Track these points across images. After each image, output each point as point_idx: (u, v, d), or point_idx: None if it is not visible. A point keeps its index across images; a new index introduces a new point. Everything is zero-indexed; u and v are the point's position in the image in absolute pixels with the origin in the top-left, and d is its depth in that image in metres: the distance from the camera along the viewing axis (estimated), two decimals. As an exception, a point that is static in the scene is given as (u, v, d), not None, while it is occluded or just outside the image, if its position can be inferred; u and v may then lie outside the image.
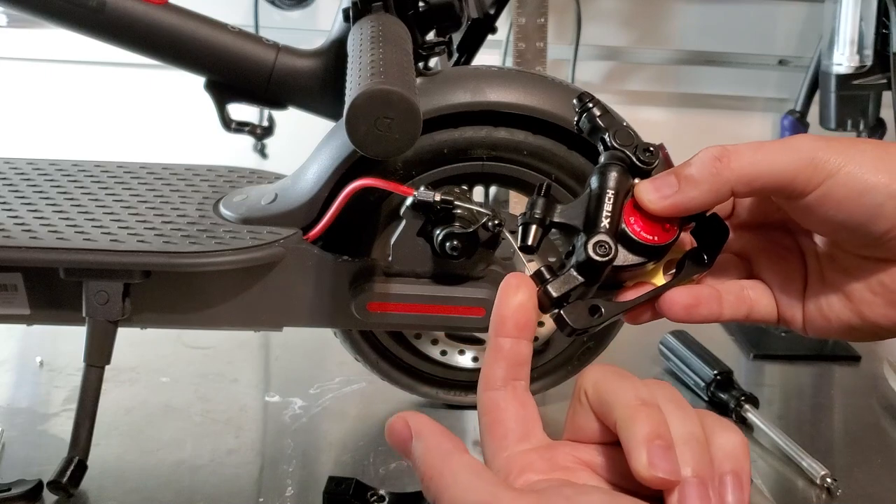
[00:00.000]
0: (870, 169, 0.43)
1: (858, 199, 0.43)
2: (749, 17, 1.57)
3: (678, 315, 0.50)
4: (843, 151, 0.44)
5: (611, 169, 0.48)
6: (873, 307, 0.47)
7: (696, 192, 0.46)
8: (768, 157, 0.44)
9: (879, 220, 0.44)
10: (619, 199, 0.47)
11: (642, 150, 0.49)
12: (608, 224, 0.47)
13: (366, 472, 0.82)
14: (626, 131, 0.49)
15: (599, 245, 0.47)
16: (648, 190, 0.47)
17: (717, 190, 0.45)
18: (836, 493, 0.81)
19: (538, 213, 0.49)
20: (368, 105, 0.64)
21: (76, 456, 0.76)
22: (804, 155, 0.44)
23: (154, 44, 0.83)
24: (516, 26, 1.39)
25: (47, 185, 0.88)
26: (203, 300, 0.81)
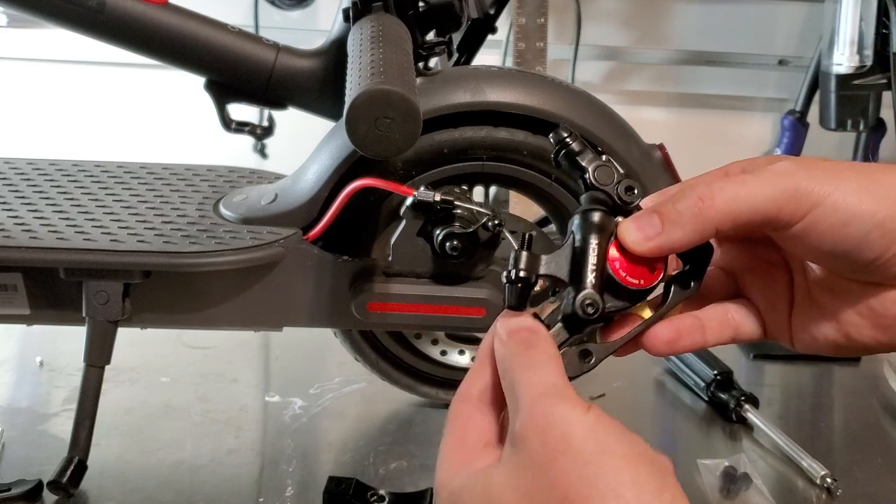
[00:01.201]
0: (854, 197, 0.43)
1: (843, 229, 0.43)
2: (749, 17, 1.57)
3: (661, 350, 0.50)
4: (827, 180, 0.43)
5: (592, 215, 0.47)
6: (860, 329, 0.47)
7: (681, 233, 0.45)
8: (752, 191, 0.44)
9: (865, 249, 0.43)
10: (602, 247, 0.46)
11: (623, 189, 0.47)
12: (594, 279, 0.46)
13: (366, 472, 0.82)
14: (606, 169, 0.47)
15: (588, 304, 0.46)
16: (631, 231, 0.46)
17: (701, 230, 0.45)
18: (836, 493, 0.81)
19: (523, 269, 0.47)
20: (368, 105, 0.64)
21: (76, 456, 0.76)
22: (787, 186, 0.43)
23: (154, 44, 0.83)
24: (516, 26, 1.39)
25: (47, 185, 0.88)
26: (203, 300, 0.81)
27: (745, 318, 0.51)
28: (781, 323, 0.50)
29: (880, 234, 0.42)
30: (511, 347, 0.45)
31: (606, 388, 0.97)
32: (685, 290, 0.48)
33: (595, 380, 0.96)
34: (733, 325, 0.51)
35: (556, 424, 0.41)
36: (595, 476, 0.39)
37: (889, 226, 0.42)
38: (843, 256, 0.44)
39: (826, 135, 1.45)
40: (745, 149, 1.69)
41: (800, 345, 0.50)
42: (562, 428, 0.41)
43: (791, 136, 1.50)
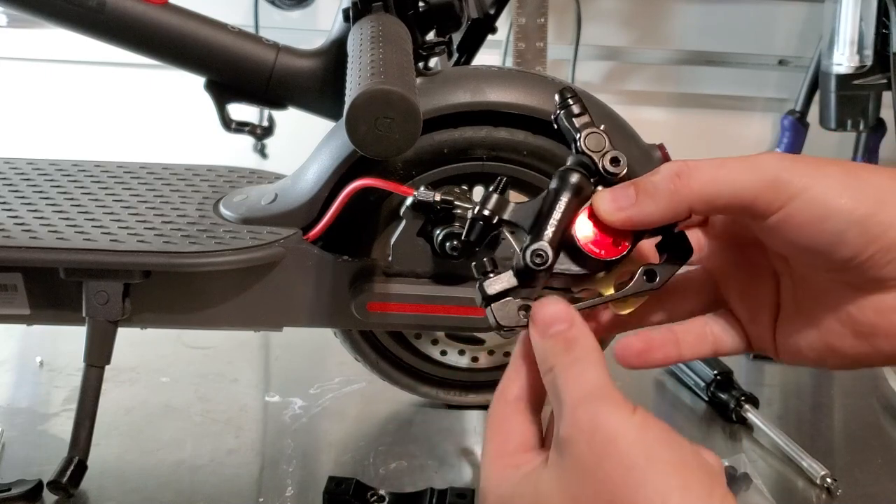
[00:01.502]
0: (834, 193, 0.42)
1: (820, 224, 0.42)
2: (749, 17, 1.57)
3: (632, 362, 0.50)
4: (808, 173, 0.42)
5: (571, 175, 0.47)
6: (842, 338, 0.46)
7: (653, 207, 0.45)
8: (730, 175, 0.43)
9: (842, 247, 0.42)
10: (571, 205, 0.46)
11: (610, 160, 0.48)
12: (552, 233, 0.46)
13: (366, 472, 0.82)
14: (597, 137, 0.48)
15: (536, 254, 0.46)
16: (606, 200, 0.46)
17: (675, 207, 0.44)
18: (836, 493, 0.81)
19: (488, 209, 0.48)
20: (368, 105, 0.64)
21: (76, 456, 0.76)
22: (767, 175, 0.42)
23: (154, 44, 0.83)
24: (516, 26, 1.39)
25: (47, 185, 0.88)
26: (203, 300, 0.81)
27: (725, 330, 0.51)
28: (766, 332, 0.50)
29: (858, 233, 0.41)
30: (551, 344, 0.45)
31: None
32: (650, 281, 0.48)
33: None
34: (711, 339, 0.51)
35: (601, 428, 0.40)
36: (642, 481, 0.39)
37: (867, 224, 0.41)
38: (819, 253, 0.43)
39: (826, 135, 1.45)
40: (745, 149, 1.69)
41: (785, 355, 0.49)
42: (607, 431, 0.40)
43: (791, 136, 1.50)
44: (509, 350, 0.90)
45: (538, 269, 0.46)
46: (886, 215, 0.41)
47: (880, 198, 0.41)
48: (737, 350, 0.51)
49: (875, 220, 0.41)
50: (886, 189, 0.42)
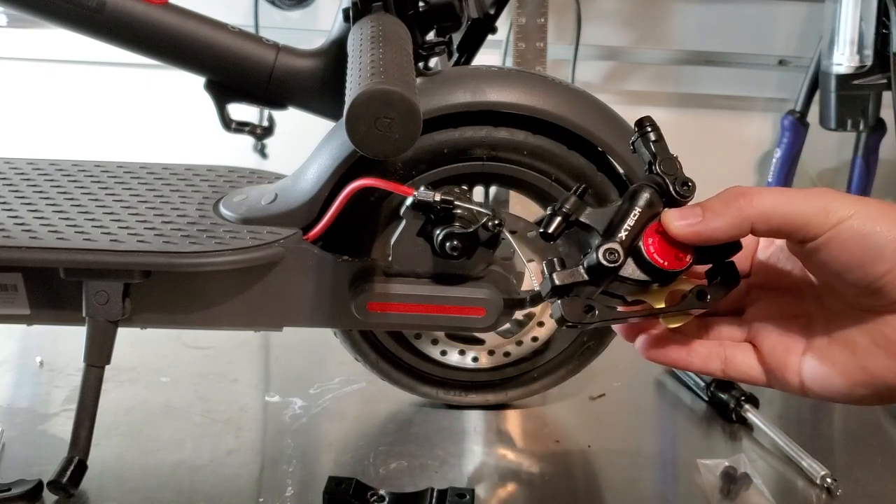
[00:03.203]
0: (874, 218, 0.49)
1: (862, 241, 0.48)
2: (749, 17, 1.57)
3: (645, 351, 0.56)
4: (853, 204, 0.49)
5: (645, 190, 0.52)
6: (877, 359, 0.50)
7: (719, 222, 0.50)
8: (788, 199, 0.50)
9: (879, 261, 0.48)
10: (643, 217, 0.51)
11: (681, 183, 0.52)
12: (625, 236, 0.51)
13: (366, 472, 0.82)
14: (671, 162, 0.53)
15: (610, 251, 0.51)
16: (675, 216, 0.52)
17: (739, 224, 0.50)
18: (836, 493, 0.81)
19: (567, 208, 0.53)
20: (368, 105, 0.64)
21: (76, 456, 0.76)
22: (819, 203, 0.49)
23: (154, 44, 0.83)
24: (516, 26, 1.39)
25: (47, 185, 0.88)
26: (203, 300, 0.81)
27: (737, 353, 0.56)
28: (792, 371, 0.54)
29: (893, 249, 0.48)
30: None
31: (606, 388, 0.97)
32: (700, 300, 0.53)
33: (595, 380, 0.96)
34: (721, 358, 0.56)
35: None
36: None
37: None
38: (857, 268, 0.49)
39: (826, 135, 1.45)
40: (745, 149, 1.69)
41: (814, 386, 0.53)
42: None
43: (791, 136, 1.50)
44: (509, 350, 0.90)
45: (610, 266, 0.51)
46: None
47: None
48: (745, 379, 0.56)
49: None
50: None
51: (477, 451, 0.87)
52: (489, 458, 0.86)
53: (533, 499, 0.81)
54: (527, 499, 0.81)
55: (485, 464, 0.85)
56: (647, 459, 0.89)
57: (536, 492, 0.82)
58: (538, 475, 0.84)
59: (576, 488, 0.83)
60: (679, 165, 0.53)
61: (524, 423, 0.92)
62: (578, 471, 0.86)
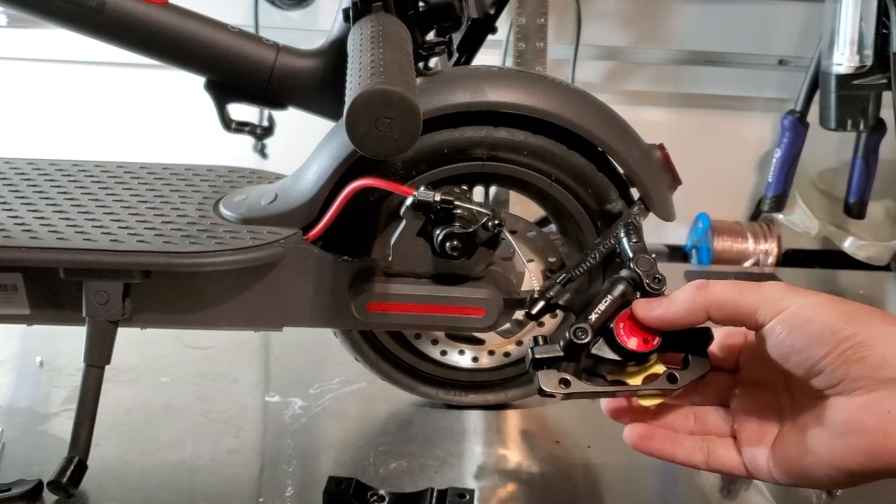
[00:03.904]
0: (817, 308, 0.53)
1: (804, 327, 0.53)
2: (749, 17, 1.57)
3: (632, 441, 0.61)
4: (799, 295, 0.54)
5: (620, 282, 0.59)
6: (821, 440, 0.54)
7: (676, 308, 0.57)
8: (741, 290, 0.56)
9: (818, 345, 0.52)
10: (614, 304, 0.58)
11: (652, 278, 0.59)
12: (594, 318, 0.58)
13: (366, 472, 0.82)
14: (647, 261, 0.60)
15: (580, 330, 0.58)
16: (642, 304, 0.58)
17: (694, 310, 0.56)
18: (835, 493, 0.81)
19: (550, 294, 0.63)
20: (368, 105, 0.64)
21: (76, 456, 0.76)
22: (768, 294, 0.55)
23: (154, 44, 0.83)
24: (516, 26, 1.40)
25: (47, 185, 0.88)
26: (203, 300, 0.81)
27: (718, 447, 0.61)
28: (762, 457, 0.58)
29: (830, 333, 0.52)
30: None
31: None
32: (671, 383, 0.58)
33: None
34: (705, 452, 0.61)
35: None
36: None
37: (838, 326, 0.52)
38: (801, 352, 0.53)
39: (826, 135, 1.45)
40: (745, 149, 1.69)
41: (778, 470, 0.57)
42: None
43: (791, 136, 1.50)
44: (509, 350, 0.90)
45: (579, 343, 0.57)
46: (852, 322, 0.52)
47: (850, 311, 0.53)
48: (727, 470, 0.60)
49: (844, 325, 0.52)
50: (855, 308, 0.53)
51: (477, 451, 0.87)
52: (489, 458, 0.86)
53: (533, 499, 0.81)
54: (527, 499, 0.81)
55: (485, 464, 0.85)
56: (647, 459, 0.88)
57: (536, 492, 0.82)
58: (538, 475, 0.84)
59: (576, 488, 0.83)
60: (654, 263, 0.60)
61: (524, 423, 0.92)
62: (578, 471, 0.86)
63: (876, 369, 0.51)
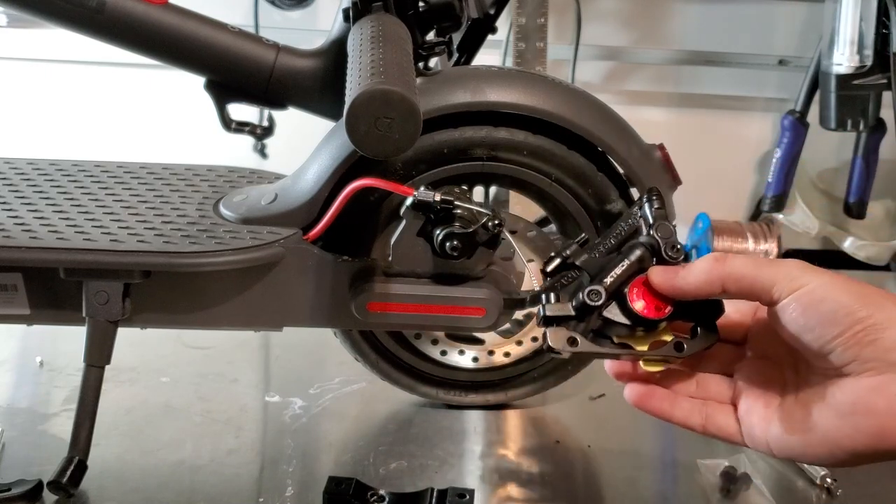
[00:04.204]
0: (833, 288, 0.54)
1: (818, 305, 0.53)
2: (749, 17, 1.57)
3: (632, 399, 0.62)
4: (816, 274, 0.55)
5: (638, 248, 0.59)
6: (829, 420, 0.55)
7: (692, 278, 0.57)
8: (758, 265, 0.56)
9: (831, 325, 0.53)
10: (630, 269, 0.58)
11: (671, 247, 0.59)
12: (610, 281, 0.58)
13: (366, 472, 0.82)
14: (667, 228, 0.59)
15: (594, 293, 0.58)
16: (658, 271, 0.58)
17: (710, 281, 0.56)
18: (836, 493, 0.81)
19: (566, 253, 0.61)
20: (368, 105, 0.64)
21: (76, 456, 0.76)
22: (785, 270, 0.55)
23: (154, 44, 0.83)
24: (516, 26, 1.39)
25: (47, 185, 0.88)
26: (203, 300, 0.81)
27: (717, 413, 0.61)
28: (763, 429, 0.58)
29: (845, 314, 0.53)
30: None
31: (606, 388, 0.97)
32: (677, 351, 0.58)
33: (595, 380, 0.96)
34: (702, 415, 0.61)
35: None
36: None
37: (852, 307, 0.53)
38: (813, 330, 0.54)
39: (826, 135, 1.45)
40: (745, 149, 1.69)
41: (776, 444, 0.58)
42: None
43: (791, 136, 1.50)
44: (509, 351, 0.90)
45: (592, 305, 0.57)
46: (867, 304, 0.53)
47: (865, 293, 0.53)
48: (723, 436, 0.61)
49: (859, 306, 0.53)
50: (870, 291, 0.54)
51: (477, 451, 0.87)
52: (489, 458, 0.86)
53: (533, 499, 0.81)
54: (527, 499, 0.81)
55: (485, 464, 0.85)
56: (647, 459, 0.89)
57: (536, 492, 0.82)
58: (538, 475, 0.84)
59: (576, 488, 0.83)
60: (673, 232, 0.59)
61: (524, 423, 0.92)
62: (578, 471, 0.86)
63: (888, 352, 0.52)
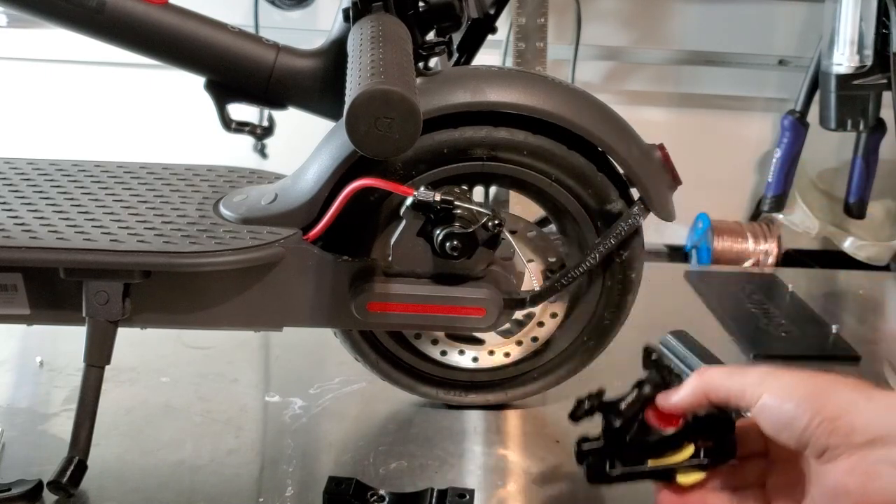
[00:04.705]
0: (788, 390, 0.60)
1: (781, 407, 0.60)
2: (749, 17, 1.57)
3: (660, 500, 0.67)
4: (776, 377, 0.61)
5: (647, 383, 0.68)
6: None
7: (684, 393, 0.65)
8: (729, 375, 0.63)
9: (796, 420, 0.59)
10: (640, 397, 0.67)
11: (675, 378, 0.68)
12: (623, 407, 0.67)
13: (366, 472, 0.82)
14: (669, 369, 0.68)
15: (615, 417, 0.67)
16: (662, 396, 0.67)
17: (696, 394, 0.64)
18: None
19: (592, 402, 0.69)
20: (368, 105, 0.64)
21: (76, 456, 0.76)
22: (750, 379, 0.62)
23: (154, 44, 0.83)
24: (516, 26, 1.40)
25: (47, 185, 0.88)
26: (203, 300, 0.81)
27: None
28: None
29: (803, 411, 0.58)
30: None
31: (606, 388, 0.97)
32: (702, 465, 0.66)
33: (595, 380, 0.96)
34: None
35: None
36: None
37: (810, 401, 0.59)
38: (785, 428, 0.60)
39: (826, 135, 1.45)
40: (745, 149, 1.69)
41: None
42: None
43: (791, 136, 1.50)
44: (509, 351, 0.90)
45: (615, 429, 0.67)
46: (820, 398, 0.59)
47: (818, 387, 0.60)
48: None
49: (814, 401, 0.59)
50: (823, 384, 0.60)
51: (477, 451, 0.87)
52: (489, 458, 0.86)
53: (533, 499, 0.81)
54: (527, 499, 0.81)
55: (485, 464, 0.85)
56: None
57: (536, 492, 0.82)
58: (538, 475, 0.84)
59: (576, 488, 0.83)
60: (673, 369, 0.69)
61: (524, 423, 0.92)
62: (578, 471, 0.86)
63: (849, 436, 0.57)
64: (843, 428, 0.57)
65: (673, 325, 1.04)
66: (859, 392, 0.59)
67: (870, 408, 0.57)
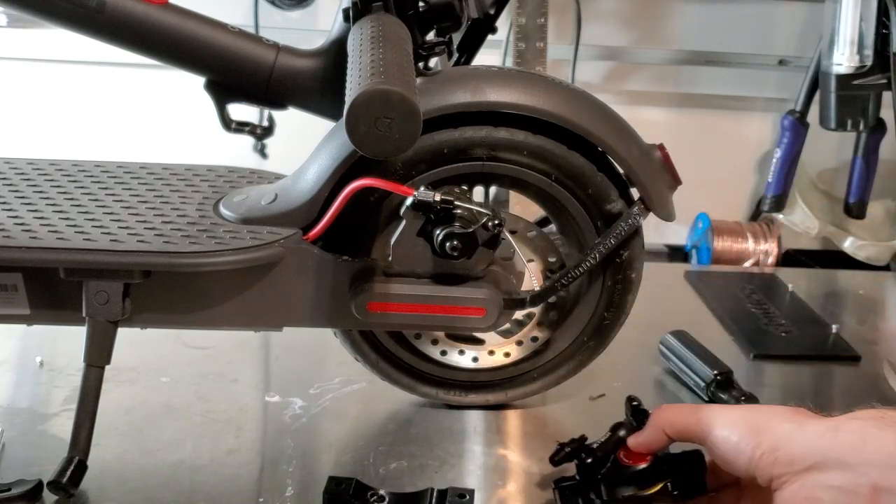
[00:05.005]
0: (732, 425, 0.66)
1: (727, 441, 0.66)
2: (749, 17, 1.57)
3: None
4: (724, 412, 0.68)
5: (622, 427, 0.74)
6: None
7: (646, 433, 0.72)
8: (681, 412, 0.70)
9: (742, 452, 0.65)
10: (614, 438, 0.74)
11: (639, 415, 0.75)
12: (595, 446, 0.74)
13: (366, 472, 0.82)
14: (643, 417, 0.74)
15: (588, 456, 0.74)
16: (632, 437, 0.73)
17: (656, 432, 0.71)
18: None
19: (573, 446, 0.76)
20: (368, 105, 0.64)
21: (76, 456, 0.76)
22: (701, 415, 0.68)
23: (154, 44, 0.83)
24: (516, 26, 1.40)
25: (47, 185, 0.88)
26: (203, 300, 0.81)
27: None
28: None
29: (745, 444, 0.65)
30: None
31: (606, 388, 0.97)
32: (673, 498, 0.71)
33: (595, 380, 0.96)
34: None
35: None
36: None
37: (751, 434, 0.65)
38: (734, 460, 0.65)
39: (826, 135, 1.45)
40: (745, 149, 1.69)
41: None
42: None
43: (791, 135, 1.50)
44: (509, 350, 0.90)
45: (588, 465, 0.74)
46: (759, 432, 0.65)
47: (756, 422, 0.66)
48: None
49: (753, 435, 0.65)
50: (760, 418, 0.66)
51: (477, 451, 0.87)
52: (489, 458, 0.86)
53: (533, 499, 0.81)
54: (527, 499, 0.81)
55: (485, 464, 0.85)
56: (647, 459, 0.89)
57: (536, 492, 0.82)
58: (538, 475, 0.84)
59: (576, 488, 0.83)
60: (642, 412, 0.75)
61: (524, 423, 0.92)
62: (578, 471, 0.86)
63: (790, 465, 0.63)
64: (783, 458, 0.63)
65: (673, 325, 1.04)
66: (794, 423, 0.64)
67: (803, 438, 0.63)
